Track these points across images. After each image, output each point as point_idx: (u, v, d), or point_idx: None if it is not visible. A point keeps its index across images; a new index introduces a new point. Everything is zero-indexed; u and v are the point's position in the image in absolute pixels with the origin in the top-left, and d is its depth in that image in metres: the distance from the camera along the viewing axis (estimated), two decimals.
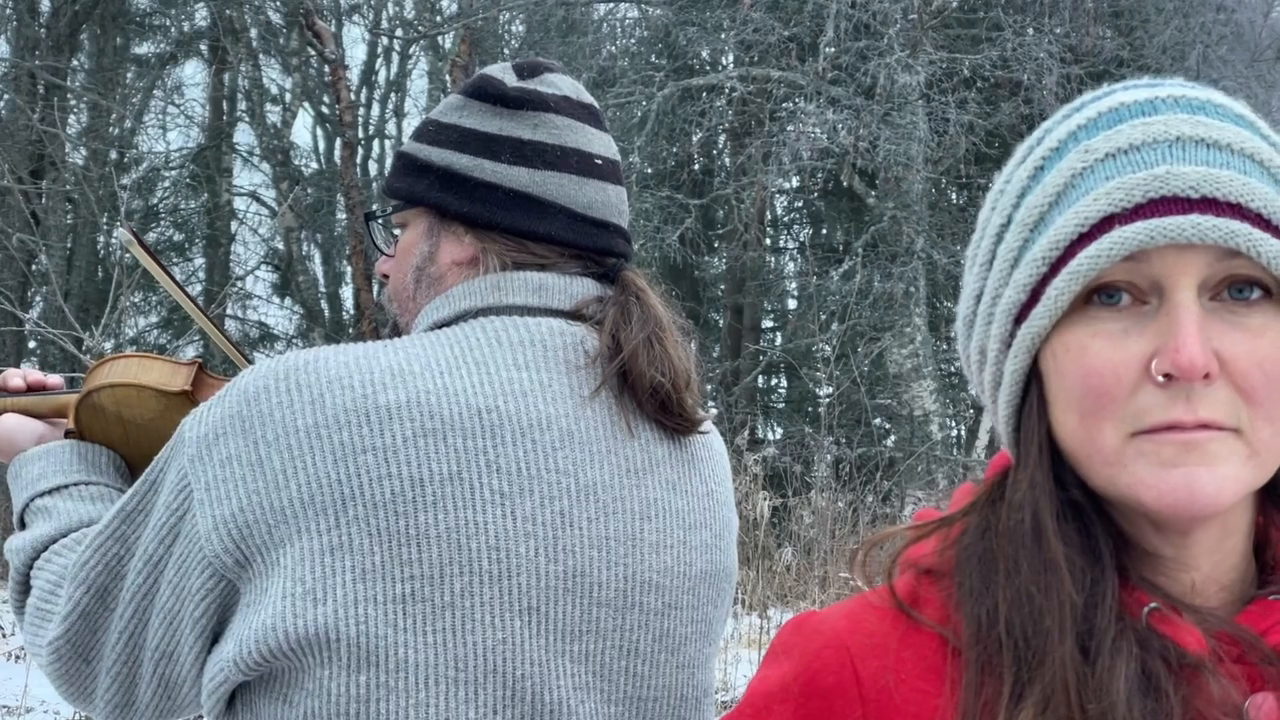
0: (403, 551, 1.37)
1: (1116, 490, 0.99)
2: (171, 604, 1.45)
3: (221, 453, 1.41)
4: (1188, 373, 0.93)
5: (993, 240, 1.07)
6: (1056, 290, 0.99)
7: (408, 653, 1.38)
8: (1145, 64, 13.39)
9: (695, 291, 16.44)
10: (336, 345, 1.49)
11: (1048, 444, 1.03)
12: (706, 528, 1.60)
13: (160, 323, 17.64)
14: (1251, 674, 0.99)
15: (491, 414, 1.44)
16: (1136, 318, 0.98)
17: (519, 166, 1.56)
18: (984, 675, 0.99)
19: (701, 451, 1.63)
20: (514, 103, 1.58)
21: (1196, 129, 0.99)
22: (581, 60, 14.27)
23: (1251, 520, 1.06)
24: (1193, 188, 0.96)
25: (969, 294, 1.10)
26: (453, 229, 1.60)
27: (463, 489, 1.40)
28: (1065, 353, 1.00)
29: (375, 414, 1.40)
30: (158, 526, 1.46)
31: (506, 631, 1.41)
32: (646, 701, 1.52)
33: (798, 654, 1.08)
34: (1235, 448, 0.96)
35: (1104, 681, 0.95)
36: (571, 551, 1.45)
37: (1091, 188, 0.99)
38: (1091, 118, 1.03)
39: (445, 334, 1.50)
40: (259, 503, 1.38)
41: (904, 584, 1.09)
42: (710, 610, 1.60)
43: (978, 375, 1.11)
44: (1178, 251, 0.96)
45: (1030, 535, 1.01)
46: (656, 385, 1.52)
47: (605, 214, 1.59)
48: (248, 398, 1.43)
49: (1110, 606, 0.98)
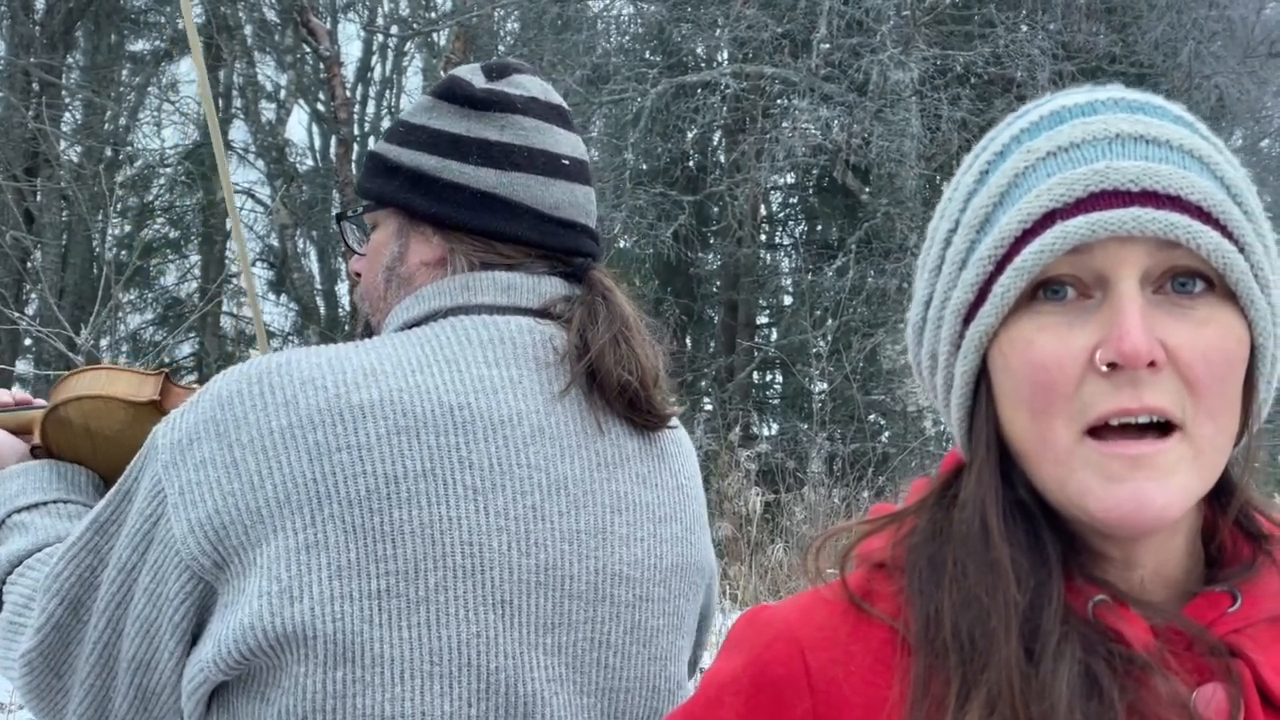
0: (377, 548, 1.39)
1: (1065, 494, 1.00)
2: (148, 611, 1.45)
3: (196, 456, 1.42)
4: (1132, 359, 0.95)
5: (941, 245, 1.09)
6: (1003, 287, 1.01)
7: (383, 648, 1.39)
8: (1138, 60, 13.39)
9: (690, 288, 16.44)
10: (307, 348, 1.50)
11: (996, 443, 1.04)
12: (677, 520, 1.62)
13: (156, 320, 17.64)
14: (1199, 666, 1.01)
15: (463, 410, 1.46)
16: (1081, 311, 0.99)
17: (486, 167, 1.58)
18: (932, 673, 1.01)
19: (671, 447, 1.65)
20: (481, 104, 1.60)
21: (1135, 126, 1.02)
22: (575, 57, 14.25)
23: (1198, 517, 1.07)
24: (1132, 181, 0.98)
25: (919, 300, 1.12)
26: (421, 229, 1.61)
27: (436, 485, 1.42)
28: (1012, 348, 1.01)
29: (349, 413, 1.41)
30: (131, 534, 1.46)
31: (481, 625, 1.43)
32: (619, 693, 1.54)
33: (749, 646, 1.10)
34: (1182, 455, 0.97)
35: (1047, 683, 0.96)
36: (544, 545, 1.47)
37: (1034, 185, 1.01)
38: (1034, 121, 1.06)
39: (415, 333, 1.52)
40: (235, 504, 1.39)
41: (857, 578, 1.10)
42: (682, 603, 1.62)
43: (929, 380, 1.12)
44: (1120, 244, 0.98)
45: (977, 536, 1.02)
46: (624, 384, 1.54)
47: (572, 214, 1.61)
48: (221, 402, 1.44)
49: (1055, 608, 0.99)
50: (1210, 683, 1.00)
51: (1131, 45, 13.43)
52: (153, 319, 17.69)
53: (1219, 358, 0.98)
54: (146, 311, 17.77)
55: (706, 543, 1.71)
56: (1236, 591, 1.04)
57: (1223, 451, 1.01)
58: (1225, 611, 1.03)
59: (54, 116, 13.99)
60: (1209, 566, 1.08)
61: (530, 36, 15.25)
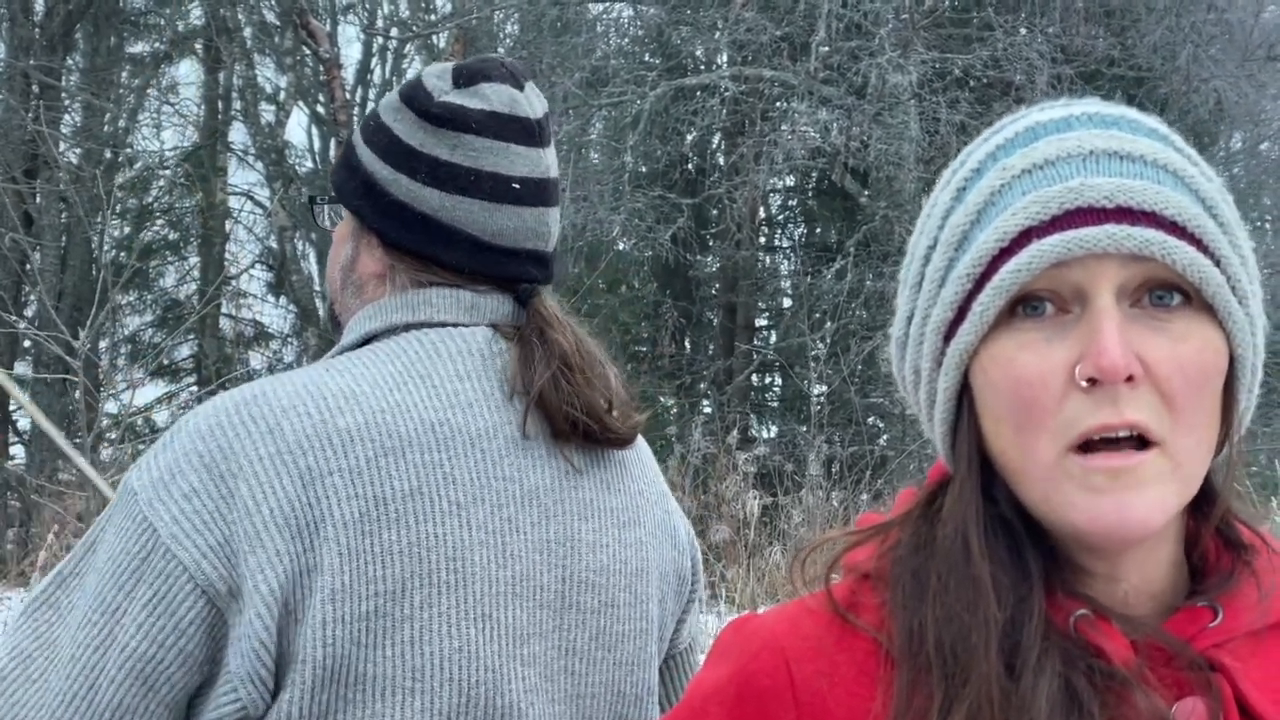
0: (368, 570, 1.40)
1: (1050, 508, 1.00)
2: (144, 649, 1.39)
3: (181, 488, 1.41)
4: (1110, 374, 0.95)
5: (921, 262, 1.10)
6: (982, 305, 1.02)
7: (367, 667, 1.40)
8: (1136, 63, 13.39)
9: (688, 290, 16.42)
10: (274, 377, 1.51)
11: (979, 459, 1.05)
12: (640, 525, 1.63)
13: (155, 321, 17.64)
14: (1179, 680, 1.01)
15: (443, 427, 1.47)
16: (1060, 327, 1.00)
17: (431, 188, 1.57)
18: (915, 686, 1.01)
19: (630, 454, 1.66)
20: (435, 120, 1.58)
21: (1109, 142, 1.02)
22: (574, 60, 14.25)
23: (1181, 528, 1.08)
24: (1107, 198, 0.99)
25: (901, 316, 1.12)
26: (369, 238, 1.63)
27: (423, 503, 1.44)
28: (994, 365, 1.02)
29: (336, 437, 1.42)
30: (110, 575, 1.41)
31: (462, 639, 1.44)
32: (585, 699, 1.55)
33: (735, 656, 1.10)
34: (1162, 468, 0.98)
35: (1027, 698, 0.97)
36: (518, 557, 1.49)
37: (1010, 203, 1.02)
38: (1009, 138, 1.06)
39: (383, 349, 1.53)
40: (237, 531, 1.39)
41: (843, 588, 1.11)
42: (650, 607, 1.62)
43: (913, 395, 1.13)
44: (1096, 259, 0.98)
45: (958, 552, 1.03)
46: (573, 420, 1.55)
47: (516, 240, 1.60)
48: (200, 435, 1.43)
49: (1036, 624, 1.00)
50: (1190, 697, 1.00)
51: (1130, 49, 13.43)
52: (152, 321, 17.68)
53: (1196, 371, 0.99)
54: (146, 313, 17.76)
55: (674, 546, 1.71)
56: (1217, 606, 1.05)
57: (1203, 463, 1.02)
58: (1206, 626, 1.04)
59: (53, 119, 13.98)
60: (1192, 577, 1.08)
61: (530, 39, 15.25)
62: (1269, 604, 1.06)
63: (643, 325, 16.55)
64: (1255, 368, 1.05)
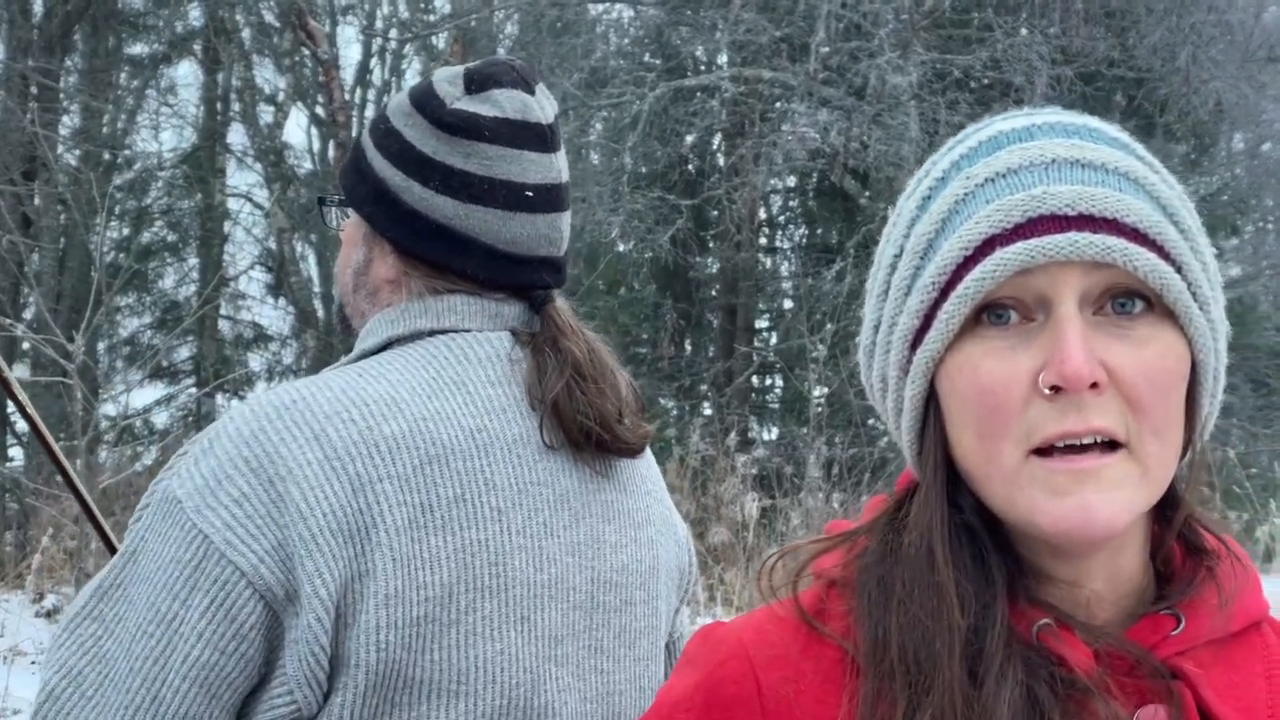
0: (418, 575, 1.42)
1: (1015, 512, 1.01)
2: (206, 656, 1.37)
3: (230, 493, 1.40)
4: (1073, 382, 0.96)
5: (887, 270, 1.10)
6: (947, 314, 1.02)
7: (414, 670, 1.42)
8: (1136, 64, 13.39)
9: (688, 292, 16.43)
10: (312, 379, 1.51)
11: (945, 467, 1.06)
12: (650, 525, 1.67)
13: (154, 323, 17.65)
14: (1141, 688, 1.02)
15: (482, 433, 1.50)
16: (1024, 334, 1.00)
17: (445, 196, 1.58)
18: (880, 694, 1.02)
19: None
20: (449, 128, 1.59)
21: (1071, 151, 1.03)
22: (574, 60, 14.27)
23: (1146, 533, 1.08)
24: (1069, 205, 0.99)
25: (868, 324, 1.13)
26: (382, 244, 1.64)
27: (466, 510, 1.46)
28: (959, 373, 1.02)
29: (383, 444, 1.44)
30: (162, 586, 1.39)
31: (504, 642, 1.47)
32: (613, 695, 1.58)
33: (702, 664, 1.10)
34: (1128, 470, 0.99)
35: (989, 706, 0.98)
36: (553, 560, 1.52)
37: (973, 212, 1.03)
38: (973, 147, 1.07)
39: (414, 355, 1.54)
40: (291, 535, 1.39)
41: (811, 595, 1.11)
42: (658, 604, 1.66)
43: (881, 403, 1.14)
44: (1059, 267, 0.99)
45: (923, 560, 1.04)
46: (586, 429, 1.56)
47: (530, 248, 1.61)
48: (244, 439, 1.43)
49: (999, 632, 1.00)
50: (1152, 704, 1.01)
51: (1130, 50, 13.44)
52: (151, 323, 17.68)
53: (1160, 377, 0.99)
54: (145, 315, 17.76)
55: (676, 542, 1.75)
56: (1180, 614, 1.06)
57: (1168, 466, 1.02)
58: (1168, 634, 1.05)
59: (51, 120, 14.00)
60: (1157, 583, 1.09)
61: (529, 40, 15.26)
62: (1230, 612, 1.06)
63: (642, 327, 16.55)
64: (1218, 373, 1.06)
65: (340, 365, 1.57)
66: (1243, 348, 14.01)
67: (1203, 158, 15.08)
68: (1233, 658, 1.06)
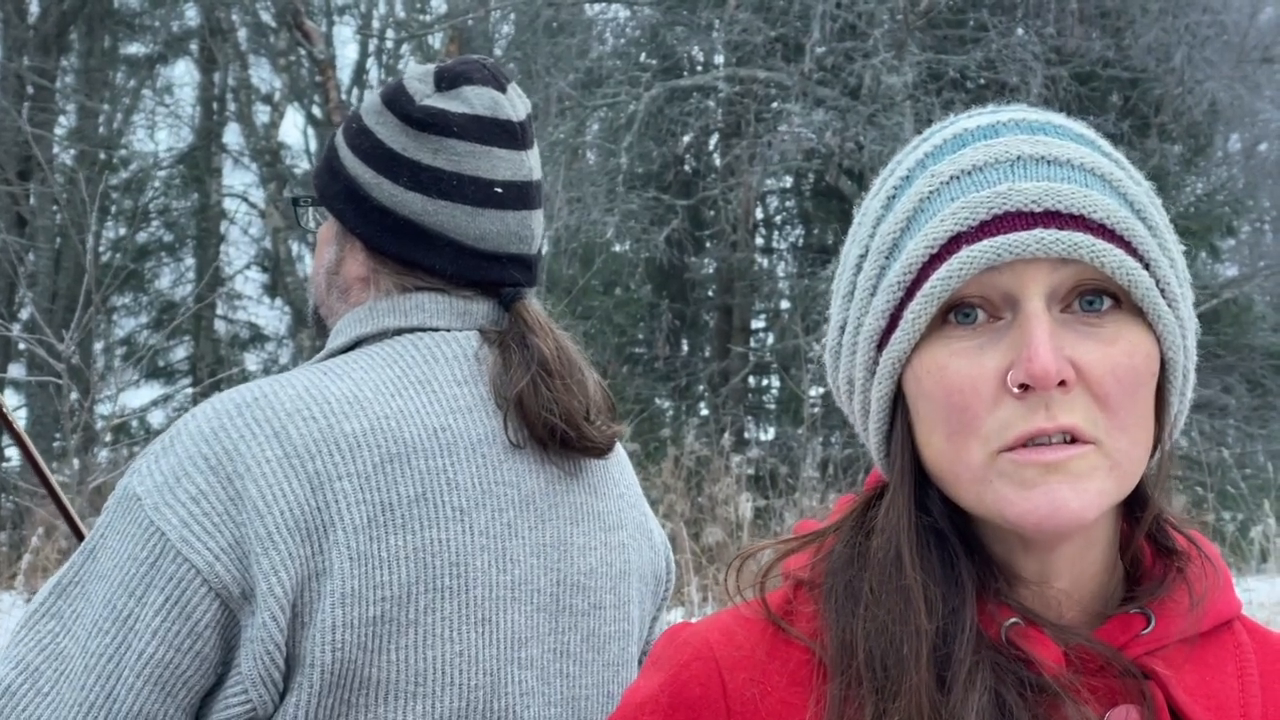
0: (376, 575, 1.40)
1: (984, 508, 1.00)
2: (161, 654, 1.36)
3: (188, 490, 1.39)
4: (1041, 380, 0.95)
5: (853, 271, 1.09)
6: (913, 314, 1.01)
7: (372, 671, 1.40)
8: (1131, 65, 13.39)
9: (684, 292, 16.43)
10: (275, 378, 1.50)
11: (913, 468, 1.05)
12: (623, 528, 1.65)
13: (151, 323, 17.64)
14: (1112, 688, 1.01)
15: (445, 433, 1.48)
16: (991, 333, 0.99)
17: (414, 192, 1.57)
18: (847, 698, 1.01)
19: (612, 456, 1.67)
20: (418, 124, 1.58)
21: (1036, 148, 1.02)
22: (569, 60, 14.26)
23: (1115, 531, 1.07)
24: (1034, 202, 0.98)
25: (834, 325, 1.12)
26: (353, 242, 1.63)
27: (427, 509, 1.44)
28: (926, 374, 1.01)
29: (344, 442, 1.42)
30: (119, 583, 1.38)
31: (464, 644, 1.45)
32: (579, 700, 1.56)
33: (667, 665, 1.09)
34: (1097, 463, 0.98)
35: (957, 711, 0.97)
36: (517, 561, 1.50)
37: (938, 210, 1.01)
38: (938, 144, 1.06)
39: (380, 354, 1.54)
40: (248, 533, 1.38)
41: (779, 596, 1.10)
42: (630, 609, 1.64)
43: (847, 404, 1.13)
44: (1025, 264, 0.98)
45: (891, 563, 1.03)
46: (550, 426, 1.55)
47: (499, 245, 1.60)
48: (204, 436, 1.42)
49: (968, 635, 0.99)
50: (1123, 705, 1.01)
51: (1125, 50, 13.44)
52: (147, 323, 17.67)
53: (1128, 374, 0.98)
54: (141, 315, 17.76)
55: (651, 548, 1.73)
56: (1150, 613, 1.05)
57: (1138, 463, 1.01)
58: (1139, 634, 1.04)
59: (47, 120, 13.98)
60: (1127, 582, 1.08)
61: (524, 40, 15.25)
62: (1200, 611, 1.05)
63: (638, 327, 16.54)
64: (1187, 370, 1.05)
65: (309, 364, 1.57)
66: (1239, 348, 14.01)
67: (1198, 158, 15.07)
68: (1204, 657, 1.05)
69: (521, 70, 14.20)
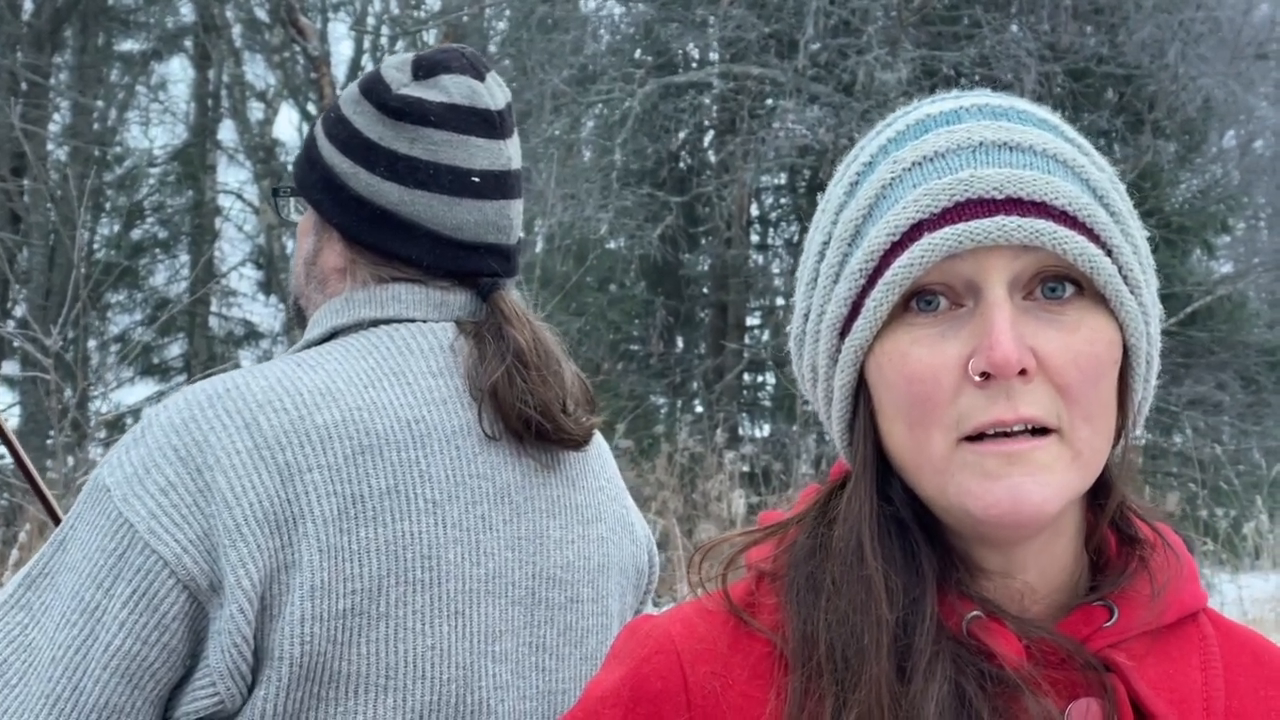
0: (345, 567, 1.39)
1: (946, 500, 1.00)
2: (128, 646, 1.36)
3: (157, 482, 1.38)
4: (1003, 369, 0.95)
5: (815, 258, 1.09)
6: (875, 301, 1.01)
7: (341, 664, 1.40)
8: (1125, 61, 13.38)
9: (678, 289, 16.41)
10: (248, 369, 1.49)
11: (875, 457, 1.04)
12: (601, 521, 1.64)
13: (145, 320, 17.62)
14: (1073, 680, 1.01)
15: (419, 424, 1.47)
16: (953, 321, 0.99)
17: (391, 182, 1.56)
18: (808, 690, 1.00)
19: (592, 449, 1.66)
20: (394, 113, 1.57)
21: (999, 134, 1.01)
22: (563, 57, 14.24)
23: (1079, 522, 1.07)
24: (996, 189, 0.98)
25: (799, 313, 1.11)
26: (330, 233, 1.62)
27: (399, 501, 1.44)
28: (888, 362, 1.01)
29: (314, 433, 1.41)
30: (87, 575, 1.38)
31: (435, 637, 1.44)
32: (555, 694, 1.55)
33: (629, 658, 1.09)
34: (1059, 454, 0.97)
35: (917, 703, 0.96)
36: (491, 554, 1.49)
37: (900, 197, 1.01)
38: (900, 131, 1.06)
39: (355, 346, 1.53)
40: (216, 525, 1.37)
41: (741, 588, 1.10)
42: (610, 603, 1.64)
43: (812, 392, 1.12)
44: (987, 252, 0.97)
45: (852, 554, 1.02)
46: (525, 417, 1.54)
47: (476, 234, 1.59)
48: (174, 428, 1.41)
49: (928, 627, 0.99)
50: (1084, 698, 1.00)
51: (1119, 46, 13.43)
52: (142, 320, 17.65)
53: (1089, 363, 0.98)
54: (135, 312, 17.73)
55: (632, 541, 1.72)
56: (1113, 605, 1.04)
57: (1101, 452, 1.01)
58: (1101, 626, 1.03)
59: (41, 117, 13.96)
60: (1092, 573, 1.08)
61: (519, 36, 15.23)
62: (1163, 602, 1.05)
63: (632, 324, 16.53)
64: (1150, 358, 1.04)
65: (284, 355, 1.56)
66: (1233, 344, 14.01)
67: (1192, 155, 15.07)
68: (1168, 649, 1.05)
69: (516, 66, 14.19)
